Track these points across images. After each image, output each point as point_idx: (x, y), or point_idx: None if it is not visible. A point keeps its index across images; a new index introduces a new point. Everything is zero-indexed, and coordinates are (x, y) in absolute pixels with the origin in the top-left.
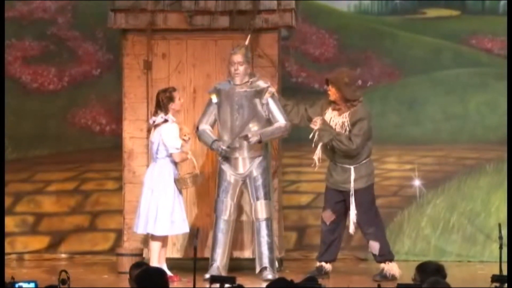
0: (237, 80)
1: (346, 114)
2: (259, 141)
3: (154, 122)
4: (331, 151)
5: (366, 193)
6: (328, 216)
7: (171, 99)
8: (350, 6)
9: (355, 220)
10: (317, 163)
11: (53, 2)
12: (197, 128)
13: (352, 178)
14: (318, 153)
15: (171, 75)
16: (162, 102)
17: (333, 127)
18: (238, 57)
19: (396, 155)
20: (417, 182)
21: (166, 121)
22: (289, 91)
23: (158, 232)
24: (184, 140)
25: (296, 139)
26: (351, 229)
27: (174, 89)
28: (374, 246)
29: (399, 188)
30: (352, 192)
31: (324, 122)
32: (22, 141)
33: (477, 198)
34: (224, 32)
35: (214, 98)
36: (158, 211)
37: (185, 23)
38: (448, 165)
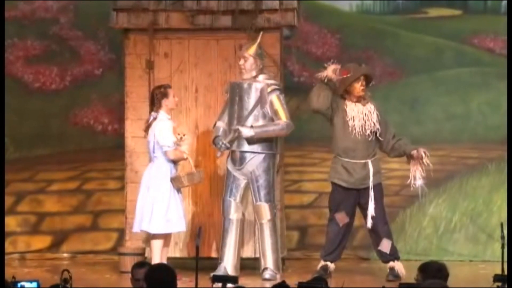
0: (243, 75)
1: (369, 103)
2: (252, 136)
3: (148, 121)
4: (351, 149)
5: (381, 189)
6: (343, 218)
7: (165, 95)
8: (352, 6)
9: (374, 214)
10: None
11: (55, 2)
12: (214, 125)
13: (371, 173)
14: None
15: (173, 75)
16: (156, 97)
17: (363, 117)
18: (245, 52)
19: None
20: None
21: (156, 118)
22: (291, 91)
23: (152, 230)
24: (179, 139)
25: (298, 138)
26: (369, 223)
27: (169, 86)
28: (387, 244)
29: (401, 187)
30: (371, 186)
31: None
32: (24, 140)
33: (479, 198)
34: (226, 32)
35: (226, 94)
36: (153, 209)
37: (187, 23)
38: (450, 165)
